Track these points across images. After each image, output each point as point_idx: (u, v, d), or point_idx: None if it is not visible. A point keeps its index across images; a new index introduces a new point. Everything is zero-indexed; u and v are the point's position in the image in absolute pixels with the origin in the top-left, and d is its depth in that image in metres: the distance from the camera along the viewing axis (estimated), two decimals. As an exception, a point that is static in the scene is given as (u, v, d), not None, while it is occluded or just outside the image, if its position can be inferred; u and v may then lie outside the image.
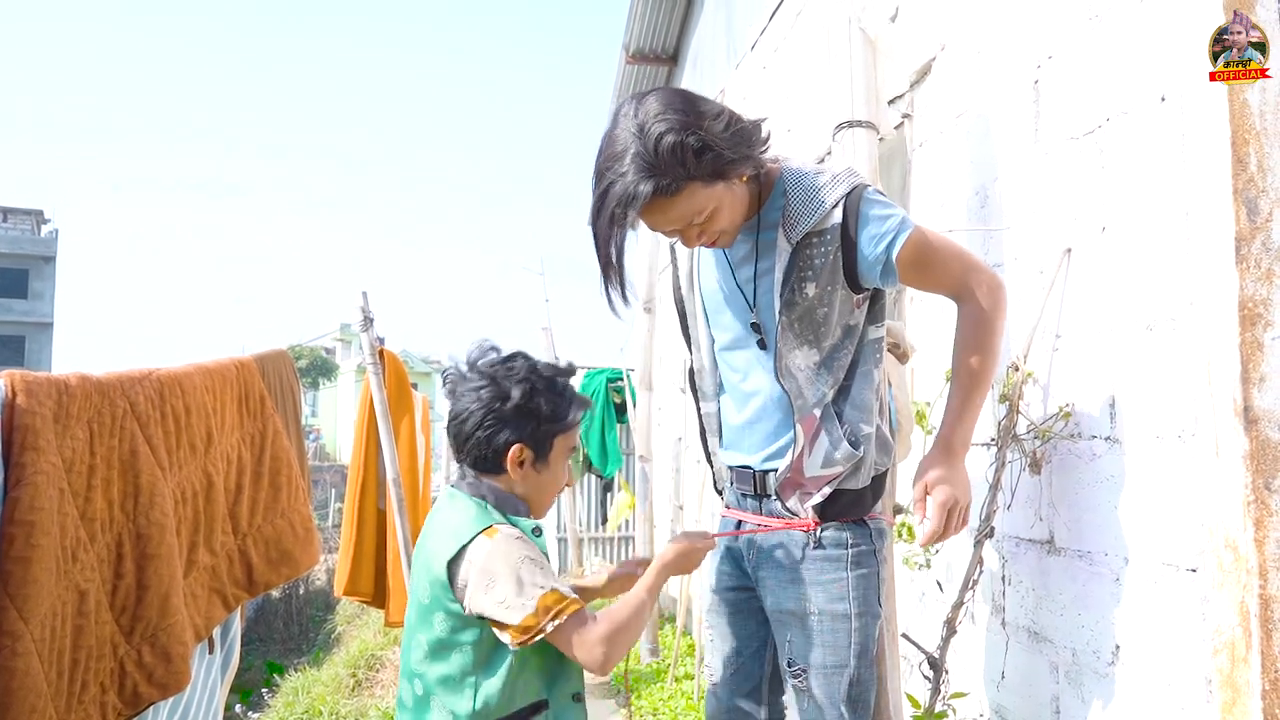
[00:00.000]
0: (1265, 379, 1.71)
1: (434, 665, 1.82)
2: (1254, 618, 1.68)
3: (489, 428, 1.88)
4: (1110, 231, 2.12)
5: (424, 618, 1.83)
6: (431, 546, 1.85)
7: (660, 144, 1.79)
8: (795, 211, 1.98)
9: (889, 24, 3.26)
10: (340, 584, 5.65)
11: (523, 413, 1.88)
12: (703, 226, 1.94)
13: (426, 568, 1.83)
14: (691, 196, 1.86)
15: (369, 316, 5.14)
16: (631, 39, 7.86)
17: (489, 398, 1.87)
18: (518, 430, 1.88)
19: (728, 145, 1.85)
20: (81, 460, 2.64)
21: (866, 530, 2.07)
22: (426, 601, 1.82)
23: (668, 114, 1.82)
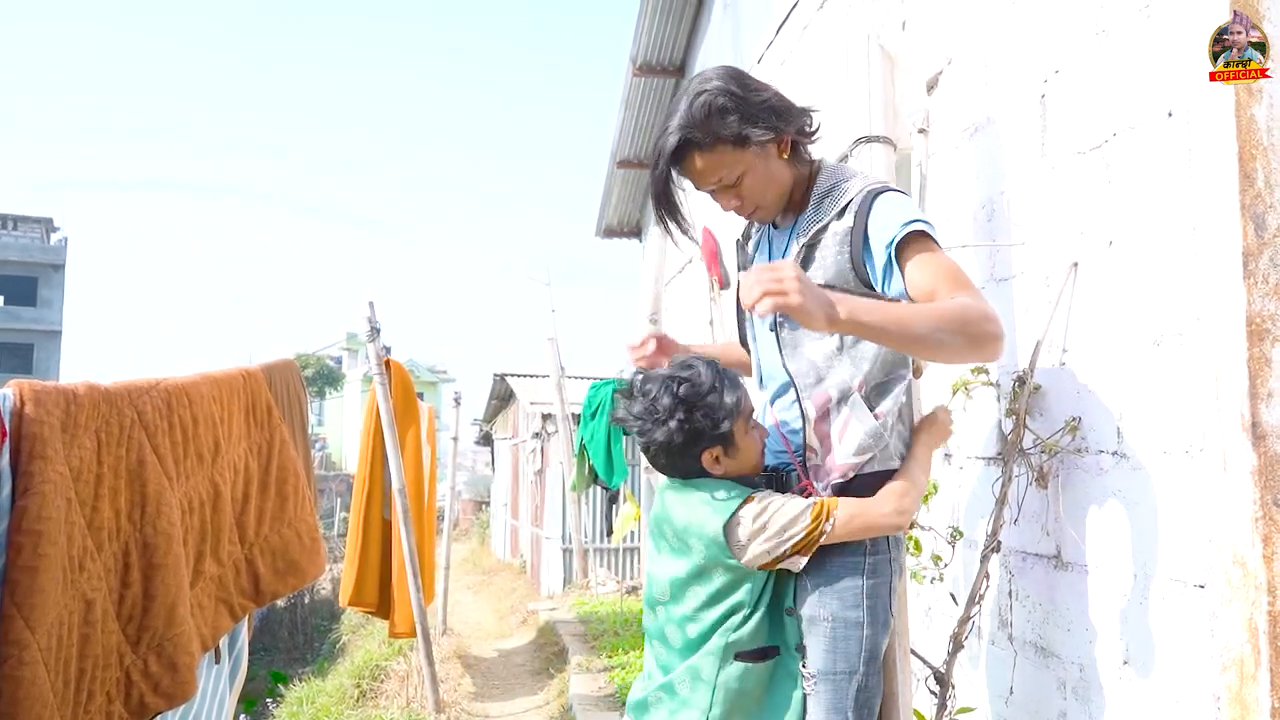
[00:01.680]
0: (1273, 394, 1.71)
1: (710, 610, 2.06)
2: (1263, 635, 1.68)
3: (676, 452, 2.07)
4: (1117, 246, 2.12)
5: (701, 575, 2.06)
6: (691, 516, 2.07)
7: (694, 102, 2.03)
8: (809, 215, 2.12)
9: (898, 36, 3.26)
10: (345, 594, 5.65)
11: (704, 419, 2.04)
12: (735, 190, 2.11)
13: (696, 534, 2.05)
14: (721, 156, 2.05)
15: (375, 327, 5.16)
16: (639, 51, 7.88)
17: (662, 440, 2.06)
18: (705, 436, 2.05)
19: (757, 114, 2.04)
20: (89, 469, 2.65)
21: (884, 538, 2.08)
22: (702, 561, 2.05)
23: (713, 81, 2.05)
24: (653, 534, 2.23)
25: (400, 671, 7.39)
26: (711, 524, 2.03)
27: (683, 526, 2.09)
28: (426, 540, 6.11)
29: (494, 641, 9.68)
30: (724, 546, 2.02)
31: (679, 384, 2.05)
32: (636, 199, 10.10)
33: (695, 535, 2.06)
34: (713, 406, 2.04)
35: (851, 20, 3.68)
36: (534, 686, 7.30)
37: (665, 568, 2.14)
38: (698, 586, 2.08)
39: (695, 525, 2.06)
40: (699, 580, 2.08)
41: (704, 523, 2.04)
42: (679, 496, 2.12)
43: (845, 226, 2.04)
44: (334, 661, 11.25)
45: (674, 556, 2.12)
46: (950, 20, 2.91)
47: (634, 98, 8.44)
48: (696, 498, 2.08)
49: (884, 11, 3.39)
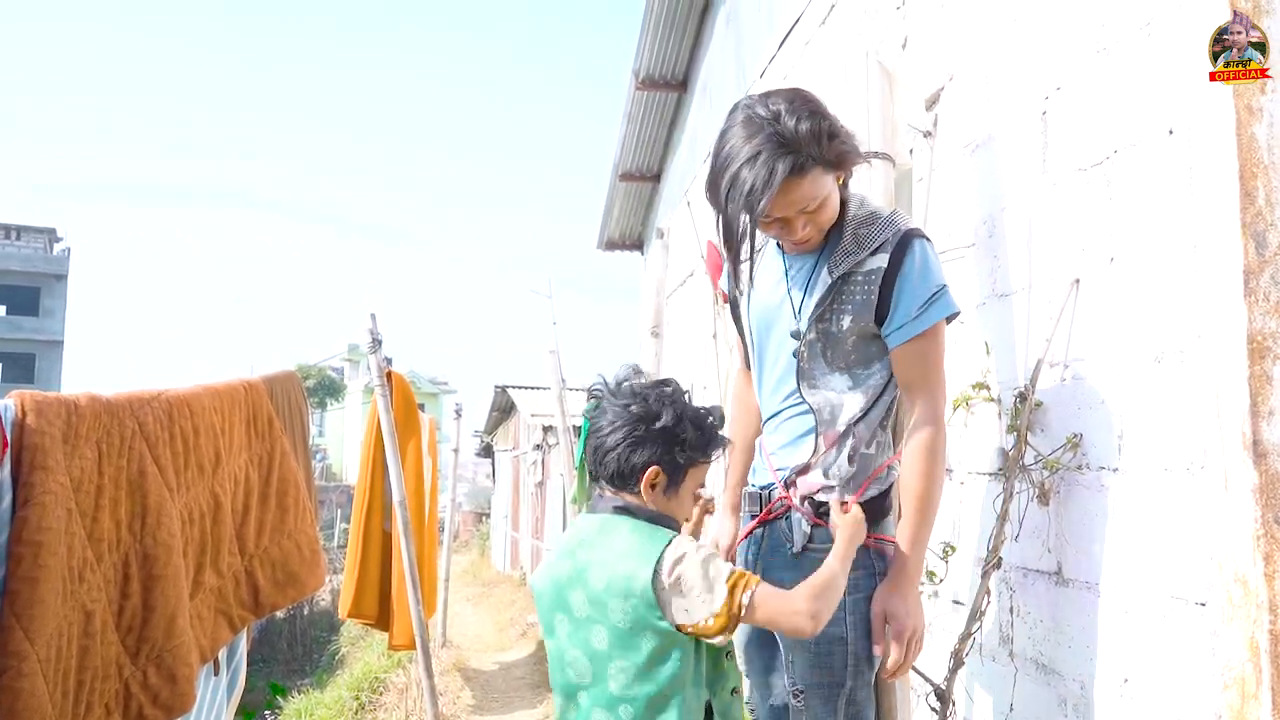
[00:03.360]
0: (1274, 412, 1.71)
1: (642, 686, 1.80)
2: (1264, 653, 1.67)
3: (631, 444, 1.89)
4: (1118, 263, 2.12)
5: (625, 642, 1.80)
6: (616, 569, 1.82)
7: (799, 126, 1.92)
8: (844, 249, 2.10)
9: (899, 53, 3.27)
10: (344, 606, 5.65)
11: (666, 436, 1.89)
12: (811, 215, 2.03)
13: (621, 593, 1.80)
14: (815, 181, 1.97)
15: (377, 339, 5.16)
16: (641, 65, 7.90)
17: (636, 415, 1.89)
18: (657, 452, 1.89)
19: (848, 136, 2.02)
20: (90, 480, 2.65)
21: (867, 554, 2.10)
22: (626, 626, 1.80)
23: (799, 104, 1.96)
24: (549, 611, 1.94)
25: (399, 684, 7.38)
26: (639, 574, 1.79)
27: (602, 586, 1.83)
28: (427, 552, 6.10)
29: (493, 654, 9.65)
30: (653, 603, 1.77)
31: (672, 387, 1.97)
32: (638, 212, 10.11)
33: (617, 594, 1.80)
34: (703, 433, 1.93)
35: (853, 36, 3.70)
36: (533, 699, 7.28)
37: (579, 643, 1.87)
38: (622, 659, 1.81)
39: (617, 579, 1.81)
40: (624, 650, 1.81)
41: (629, 575, 1.80)
42: (591, 555, 1.87)
43: (877, 265, 2.08)
44: (333, 673, 11.22)
45: (590, 626, 1.85)
46: (951, 37, 2.92)
47: (636, 111, 8.46)
48: (615, 547, 1.85)
49: (885, 28, 3.40)
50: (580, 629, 1.86)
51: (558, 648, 1.91)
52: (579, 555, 1.89)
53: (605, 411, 1.93)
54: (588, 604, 1.84)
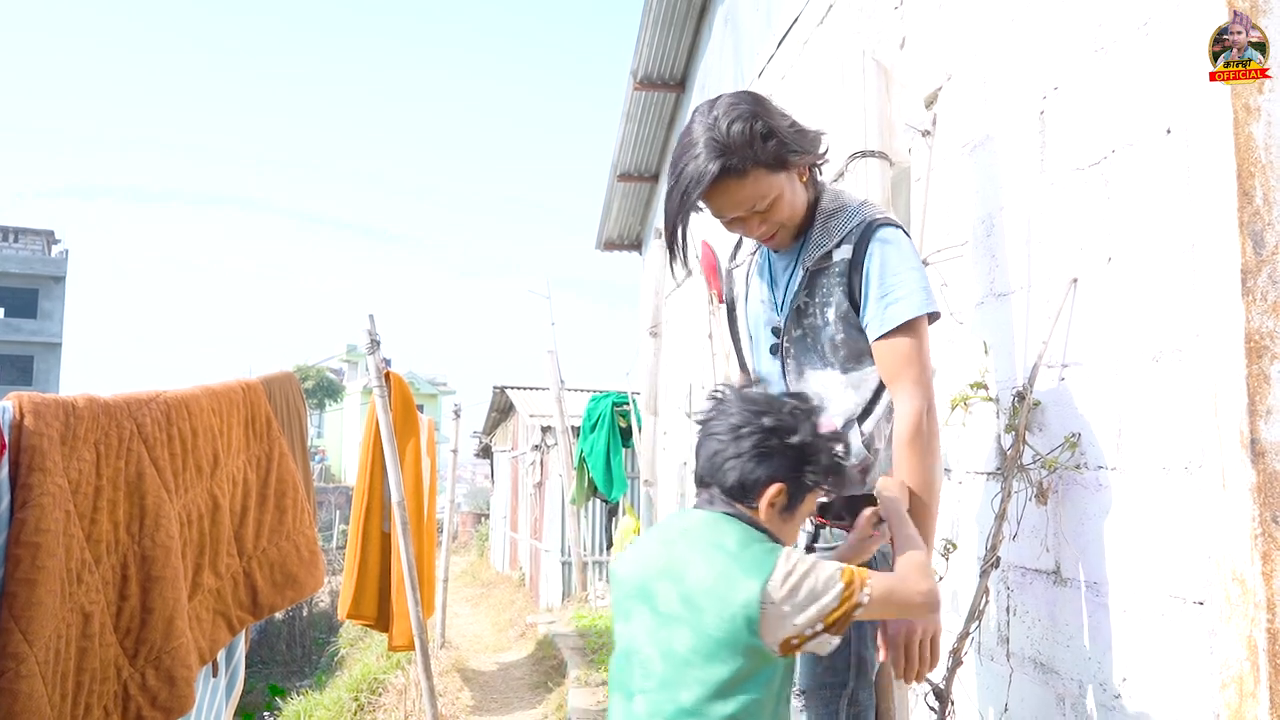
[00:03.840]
0: (1272, 411, 1.71)
1: (719, 705, 1.63)
2: (1262, 652, 1.67)
3: (758, 456, 1.73)
4: (1116, 262, 2.12)
5: (712, 653, 1.63)
6: (720, 572, 1.66)
7: (730, 129, 1.96)
8: (815, 241, 2.11)
9: (897, 53, 3.27)
10: (343, 607, 5.64)
11: (797, 454, 1.74)
12: (764, 215, 2.06)
13: (721, 598, 1.64)
14: (757, 181, 2.00)
15: (375, 339, 5.16)
16: (640, 65, 7.90)
17: (769, 426, 1.73)
18: (784, 468, 1.73)
19: (790, 137, 2.03)
20: (88, 482, 2.65)
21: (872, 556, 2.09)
22: (718, 635, 1.63)
23: (738, 106, 2.00)
24: (629, 598, 1.77)
25: (398, 685, 7.37)
26: (745, 585, 1.63)
27: (699, 587, 1.67)
28: (426, 553, 6.10)
29: (492, 655, 9.65)
30: (754, 621, 1.62)
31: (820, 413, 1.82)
32: (637, 212, 10.12)
33: (716, 598, 1.64)
34: (837, 461, 1.79)
35: (851, 36, 3.70)
36: (532, 700, 7.27)
37: (658, 641, 1.70)
38: (705, 669, 1.64)
39: (720, 583, 1.65)
40: (707, 660, 1.64)
41: (732, 584, 1.64)
42: (693, 550, 1.71)
43: (843, 257, 2.08)
44: (332, 674, 11.21)
45: (673, 624, 1.68)
46: (949, 37, 2.92)
47: (635, 111, 8.46)
48: (724, 547, 1.69)
49: (883, 28, 3.40)
50: (663, 626, 1.69)
51: (629, 640, 1.75)
52: (678, 547, 1.74)
53: (729, 415, 1.77)
54: (679, 601, 1.68)
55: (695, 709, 1.63)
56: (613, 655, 1.81)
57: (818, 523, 2.10)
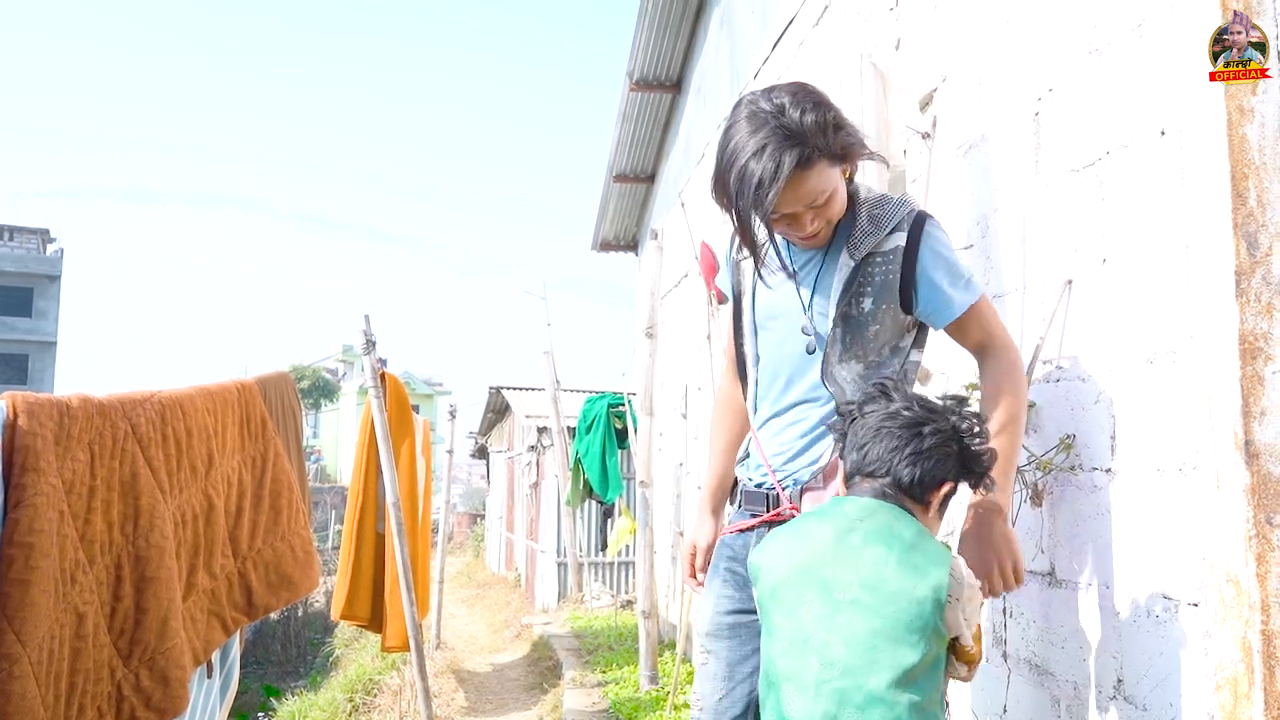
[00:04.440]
0: (1266, 413, 1.71)
1: (908, 693, 1.60)
2: (1256, 654, 1.67)
3: (940, 455, 1.78)
4: (1111, 263, 2.13)
5: (900, 638, 1.62)
6: (892, 560, 1.67)
7: (804, 118, 1.91)
8: (862, 230, 2.08)
9: (892, 54, 3.28)
10: (337, 607, 5.63)
11: (969, 458, 1.80)
12: (820, 210, 2.01)
13: (910, 584, 1.65)
14: (821, 174, 1.95)
15: (371, 340, 5.15)
16: (635, 66, 7.91)
17: (953, 427, 1.79)
18: (957, 470, 1.80)
19: (853, 129, 2.01)
20: (82, 482, 2.65)
21: None
22: (909, 618, 1.63)
23: (803, 96, 1.95)
24: (796, 582, 1.74)
25: (393, 686, 7.37)
26: (933, 573, 1.65)
27: (885, 573, 1.66)
28: (420, 554, 6.09)
29: (488, 655, 9.64)
30: (942, 605, 1.63)
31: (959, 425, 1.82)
32: (633, 213, 10.12)
33: (904, 584, 1.65)
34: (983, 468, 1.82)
35: (846, 38, 3.70)
36: (527, 701, 7.27)
37: (836, 624, 1.66)
38: (894, 653, 1.62)
39: (906, 572, 1.66)
40: (897, 644, 1.62)
41: (921, 571, 1.65)
42: (871, 537, 1.71)
43: (895, 244, 2.07)
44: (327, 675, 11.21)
45: (855, 610, 1.65)
46: (944, 39, 2.92)
47: (631, 112, 8.47)
48: (899, 541, 1.69)
49: (878, 30, 3.40)
50: (841, 612, 1.66)
51: (799, 630, 1.70)
52: (854, 535, 1.72)
53: (902, 410, 1.80)
54: (860, 587, 1.66)
55: (884, 695, 1.60)
56: (772, 646, 1.76)
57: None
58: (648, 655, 6.65)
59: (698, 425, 6.59)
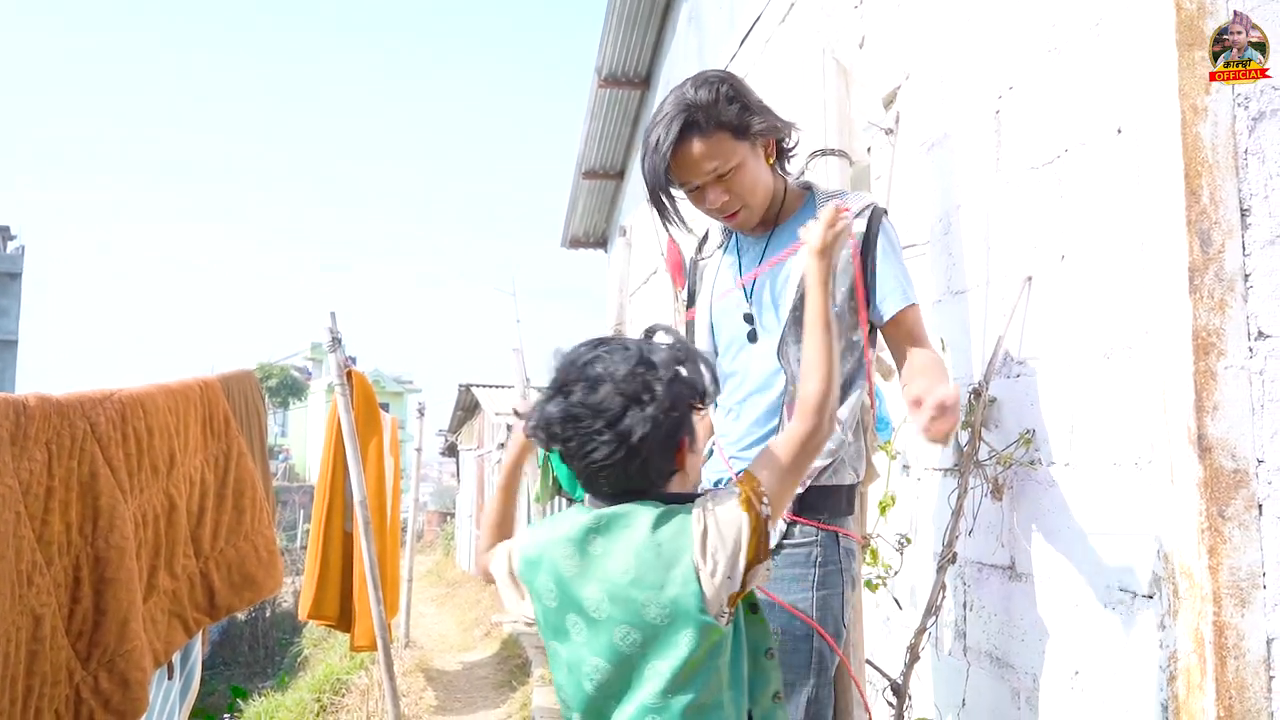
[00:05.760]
0: (1218, 407, 1.73)
1: (681, 695, 1.54)
2: (1209, 645, 1.70)
3: (660, 448, 1.57)
4: (1069, 260, 2.15)
5: (662, 641, 1.54)
6: (638, 558, 1.55)
7: (698, 92, 2.07)
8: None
9: (856, 52, 3.29)
10: (304, 607, 5.60)
11: (678, 419, 1.58)
12: (726, 184, 2.10)
13: (651, 581, 1.54)
14: (720, 143, 2.07)
15: (336, 337, 5.12)
16: (604, 63, 7.89)
17: (653, 413, 1.54)
18: (680, 432, 1.60)
19: (755, 107, 2.11)
20: (39, 482, 2.61)
21: (836, 549, 2.10)
22: (663, 622, 1.54)
23: (709, 75, 2.12)
24: (554, 615, 1.64)
25: (361, 685, 7.33)
26: (679, 560, 1.54)
27: (627, 578, 1.55)
28: (389, 553, 6.07)
29: (457, 654, 9.61)
30: (697, 590, 1.53)
31: (649, 350, 1.60)
32: (602, 209, 10.10)
33: (648, 585, 1.54)
34: (694, 383, 1.60)
35: (812, 35, 3.71)
36: (496, 699, 7.25)
37: (599, 646, 1.58)
38: (658, 660, 1.55)
39: (649, 568, 1.55)
40: (659, 650, 1.55)
41: (666, 561, 1.54)
42: (608, 537, 1.58)
43: (859, 230, 2.14)
44: (295, 675, 11.13)
45: (613, 627, 1.57)
46: (908, 37, 2.93)
47: (599, 109, 8.45)
48: (630, 539, 1.57)
49: (843, 27, 3.41)
50: (599, 633, 1.59)
51: (572, 655, 1.63)
52: (593, 546, 1.60)
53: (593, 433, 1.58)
54: (610, 602, 1.57)
55: (657, 705, 1.54)
56: (557, 673, 1.68)
57: (790, 519, 2.08)
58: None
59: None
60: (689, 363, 1.61)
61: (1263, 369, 1.74)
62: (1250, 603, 1.71)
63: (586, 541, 1.59)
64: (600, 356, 1.59)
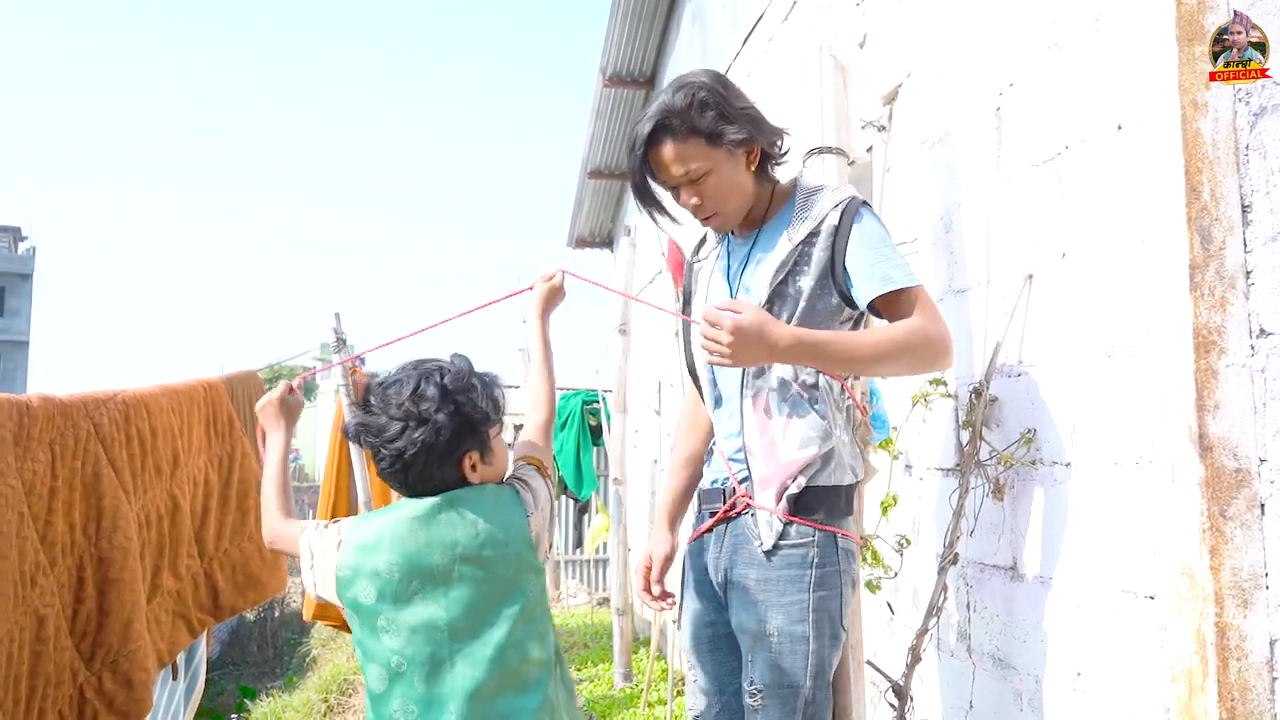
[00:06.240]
0: (1220, 406, 1.72)
1: (526, 628, 1.87)
2: (1210, 646, 1.68)
3: (431, 465, 1.88)
4: (1070, 258, 2.13)
5: (505, 590, 1.86)
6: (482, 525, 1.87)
7: (675, 94, 2.09)
8: (799, 213, 2.16)
9: (857, 50, 3.28)
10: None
11: (456, 432, 1.88)
12: (698, 189, 2.12)
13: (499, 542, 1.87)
14: (692, 148, 2.09)
15: (341, 338, 5.11)
16: (609, 63, 7.89)
17: (425, 439, 1.85)
18: (461, 446, 1.90)
19: (734, 115, 2.10)
20: (42, 483, 2.62)
21: (834, 550, 2.09)
22: (509, 572, 1.87)
23: (698, 78, 2.13)
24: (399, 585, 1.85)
25: (368, 685, 7.32)
26: (517, 528, 1.90)
27: (477, 542, 1.86)
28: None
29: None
30: (532, 548, 1.91)
31: (442, 374, 1.90)
32: (608, 209, 10.10)
33: (496, 545, 1.87)
34: (476, 400, 1.91)
35: (813, 33, 3.70)
36: (503, 699, 7.24)
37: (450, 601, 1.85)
38: (509, 607, 1.86)
39: (496, 534, 1.87)
40: (509, 599, 1.87)
41: (508, 529, 1.89)
42: (458, 512, 1.88)
43: (832, 225, 2.11)
44: (303, 675, 11.13)
45: (462, 585, 1.85)
46: (909, 34, 2.92)
47: (604, 108, 8.45)
48: (479, 510, 1.89)
49: (845, 25, 3.40)
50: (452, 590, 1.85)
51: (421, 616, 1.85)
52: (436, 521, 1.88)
53: (384, 429, 1.90)
54: (459, 562, 1.85)
55: (511, 642, 1.84)
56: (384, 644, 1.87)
57: (785, 519, 2.08)
58: (622, 653, 6.65)
59: (671, 422, 6.58)
60: (469, 392, 1.91)
61: (1264, 367, 1.73)
62: (1253, 604, 1.69)
63: (431, 519, 1.87)
64: (396, 381, 1.92)
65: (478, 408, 1.91)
